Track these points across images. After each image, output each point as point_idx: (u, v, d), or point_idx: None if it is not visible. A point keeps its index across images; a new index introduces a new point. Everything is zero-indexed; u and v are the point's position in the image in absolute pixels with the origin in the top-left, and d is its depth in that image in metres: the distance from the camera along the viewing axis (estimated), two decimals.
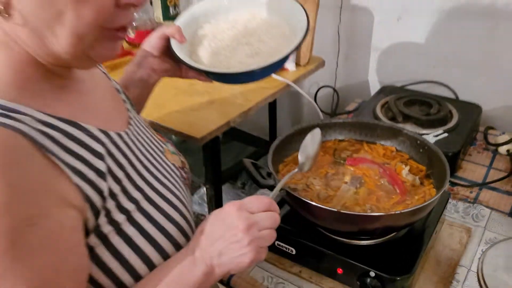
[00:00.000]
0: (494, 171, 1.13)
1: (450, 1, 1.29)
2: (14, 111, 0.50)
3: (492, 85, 1.32)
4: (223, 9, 0.89)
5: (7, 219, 0.45)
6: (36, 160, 0.49)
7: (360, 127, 0.97)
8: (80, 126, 0.56)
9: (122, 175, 0.59)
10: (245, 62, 0.80)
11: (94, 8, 0.51)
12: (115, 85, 0.75)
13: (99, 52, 0.55)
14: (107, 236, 0.55)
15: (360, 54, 1.56)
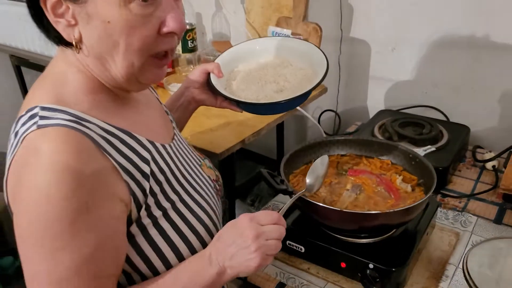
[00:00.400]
0: (481, 184, 1.26)
1: (436, 33, 1.45)
2: (85, 120, 0.64)
3: (479, 108, 1.46)
4: (257, 53, 1.05)
5: (73, 202, 0.58)
6: (97, 158, 0.62)
7: (360, 143, 1.11)
8: (133, 136, 0.70)
9: (162, 179, 0.72)
10: (271, 96, 0.96)
11: (141, 37, 0.64)
12: (164, 107, 0.90)
13: (147, 76, 0.69)
14: (146, 227, 0.68)
15: (359, 81, 1.71)
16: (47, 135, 0.60)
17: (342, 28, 1.65)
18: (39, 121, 0.61)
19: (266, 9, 1.58)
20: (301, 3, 1.44)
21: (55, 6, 0.63)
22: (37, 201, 0.58)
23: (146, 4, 0.62)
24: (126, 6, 0.61)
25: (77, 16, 0.63)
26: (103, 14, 0.61)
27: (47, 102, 0.64)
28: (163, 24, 0.65)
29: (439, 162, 1.23)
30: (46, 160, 0.58)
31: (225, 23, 1.76)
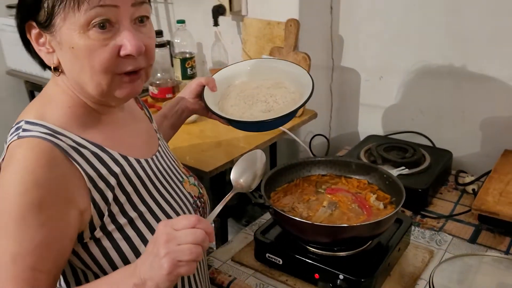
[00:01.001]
0: (461, 207, 1.31)
1: (419, 63, 1.54)
2: (59, 133, 0.73)
3: (461, 134, 1.53)
4: (254, 72, 1.12)
5: (27, 198, 0.66)
6: (64, 166, 0.70)
7: (339, 164, 1.18)
8: (105, 150, 0.77)
9: (131, 190, 0.79)
10: (256, 115, 1.02)
11: (101, 60, 0.71)
12: (155, 127, 0.97)
13: (120, 92, 0.76)
14: (111, 232, 0.75)
15: (350, 108, 1.79)
16: (23, 144, 0.70)
17: (333, 57, 1.74)
18: (21, 133, 0.71)
19: (260, 39, 1.69)
20: (292, 34, 1.54)
21: (37, 36, 0.73)
22: (0, 195, 0.68)
23: (103, 31, 0.70)
24: (85, 33, 0.69)
25: (52, 44, 0.73)
26: (68, 41, 0.70)
27: (32, 117, 0.74)
28: (121, 47, 0.72)
29: (419, 184, 1.29)
30: (15, 163, 0.68)
31: (223, 52, 1.87)
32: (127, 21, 0.72)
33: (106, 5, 0.69)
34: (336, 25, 1.70)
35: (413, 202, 1.28)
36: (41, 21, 0.72)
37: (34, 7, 0.71)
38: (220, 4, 1.71)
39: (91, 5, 0.68)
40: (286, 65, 1.11)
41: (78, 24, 0.69)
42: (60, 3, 0.69)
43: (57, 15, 0.70)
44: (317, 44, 1.69)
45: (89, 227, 0.74)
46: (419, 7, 1.50)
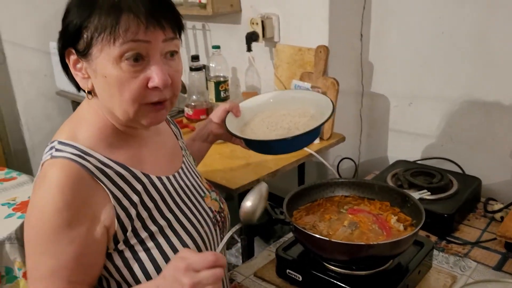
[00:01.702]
0: (488, 234, 1.30)
1: (449, 90, 1.55)
2: (88, 154, 0.79)
3: (491, 162, 1.52)
4: (278, 103, 1.15)
5: (58, 218, 0.74)
6: (90, 186, 0.77)
7: (362, 186, 1.20)
8: (128, 169, 0.84)
9: (152, 206, 0.85)
10: (272, 138, 1.05)
11: (130, 90, 0.77)
12: (181, 144, 1.04)
13: (145, 120, 0.81)
14: (133, 246, 0.82)
15: (379, 133, 1.81)
16: (55, 164, 0.77)
17: (363, 83, 1.78)
18: (54, 153, 0.78)
19: (291, 65, 1.75)
20: (322, 60, 1.60)
21: (75, 62, 0.80)
22: (34, 214, 0.76)
23: (134, 64, 0.75)
24: (118, 65, 0.75)
25: (88, 71, 0.79)
26: (102, 70, 0.76)
27: (64, 138, 0.81)
28: (150, 79, 0.77)
29: (444, 210, 1.29)
30: (48, 183, 0.75)
31: (256, 76, 1.95)
32: (157, 55, 0.77)
33: (139, 40, 0.75)
34: (366, 52, 1.74)
35: (438, 227, 1.28)
36: (80, 49, 0.77)
37: (75, 36, 0.77)
38: (254, 31, 1.80)
39: (125, 40, 0.74)
40: (310, 95, 1.16)
41: (112, 55, 0.75)
42: (97, 35, 0.75)
43: (94, 46, 0.76)
44: (347, 70, 1.74)
45: (113, 240, 0.80)
46: (448, 35, 1.52)
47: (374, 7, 1.68)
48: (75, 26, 0.76)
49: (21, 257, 1.53)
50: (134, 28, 0.74)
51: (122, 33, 0.74)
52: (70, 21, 0.77)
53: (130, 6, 0.74)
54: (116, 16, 0.74)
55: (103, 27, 0.74)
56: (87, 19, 0.75)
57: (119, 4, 0.74)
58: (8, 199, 1.72)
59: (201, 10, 1.88)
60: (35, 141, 2.75)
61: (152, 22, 0.75)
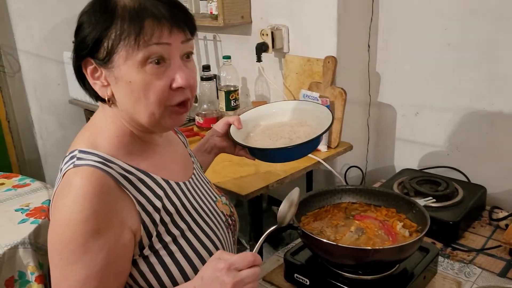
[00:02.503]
0: (493, 241, 1.32)
1: (455, 100, 1.58)
2: (110, 161, 0.81)
3: (496, 171, 1.54)
4: (279, 113, 1.22)
5: (87, 226, 0.74)
6: (116, 193, 0.78)
7: (369, 192, 1.23)
8: (149, 175, 0.86)
9: (173, 210, 0.87)
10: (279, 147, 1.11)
11: (156, 92, 0.79)
12: (189, 151, 1.08)
13: (168, 122, 0.84)
14: (158, 250, 0.84)
15: (387, 142, 1.84)
16: (79, 172, 0.77)
17: (370, 93, 1.81)
18: (76, 161, 0.79)
19: (300, 75, 1.79)
20: (330, 70, 1.64)
21: (93, 71, 0.81)
22: (61, 223, 0.75)
23: (158, 66, 0.78)
24: (142, 68, 0.77)
25: (108, 79, 0.81)
26: (126, 76, 0.78)
27: (84, 147, 0.82)
28: (173, 81, 0.80)
29: (450, 217, 1.32)
30: (73, 191, 0.75)
31: (266, 86, 1.99)
32: (177, 57, 0.81)
33: (161, 43, 0.78)
34: (374, 63, 1.78)
35: (444, 235, 1.31)
36: (100, 58, 0.79)
37: (94, 46, 0.78)
38: (264, 42, 1.84)
39: (148, 43, 0.76)
40: (309, 106, 1.20)
41: (137, 60, 0.77)
42: (119, 42, 0.77)
43: (116, 53, 0.77)
44: (355, 80, 1.78)
45: (139, 246, 0.82)
46: (454, 47, 1.55)
47: (381, 20, 1.72)
48: (94, 37, 0.78)
49: (34, 262, 1.56)
50: (158, 32, 0.77)
51: (147, 38, 0.77)
52: (87, 32, 0.78)
53: (152, 11, 0.78)
54: (140, 22, 0.76)
55: (127, 34, 0.76)
56: (108, 29, 0.77)
57: (141, 11, 0.77)
58: (22, 205, 1.76)
59: (212, 21, 1.94)
60: (48, 149, 2.80)
61: (175, 25, 0.79)
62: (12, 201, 1.79)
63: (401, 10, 1.65)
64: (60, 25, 2.60)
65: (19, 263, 1.55)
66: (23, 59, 2.61)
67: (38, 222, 1.62)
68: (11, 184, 1.94)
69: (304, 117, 1.20)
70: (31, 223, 1.63)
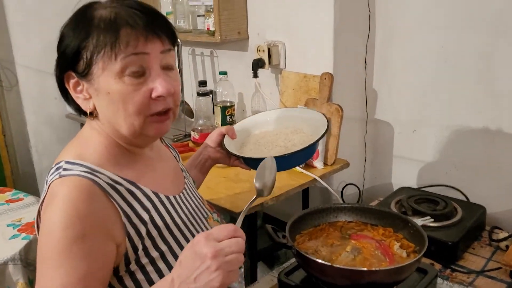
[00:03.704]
0: (493, 263, 1.28)
1: (452, 118, 1.57)
2: (97, 171, 0.80)
3: (496, 190, 1.51)
4: (272, 121, 1.20)
5: (71, 231, 0.72)
6: (102, 201, 0.77)
7: (365, 211, 1.20)
8: (138, 186, 0.84)
9: (161, 224, 0.85)
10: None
11: (135, 103, 0.79)
12: (181, 166, 1.05)
13: (150, 131, 0.83)
14: (144, 265, 0.81)
15: (384, 159, 1.82)
16: (65, 182, 0.76)
17: (367, 110, 1.80)
18: (62, 172, 0.78)
19: (296, 91, 1.78)
20: (326, 86, 1.62)
21: (75, 85, 0.82)
22: (47, 230, 0.74)
23: (136, 77, 0.78)
24: (120, 79, 0.77)
25: (89, 91, 0.81)
26: (104, 87, 0.78)
27: (71, 158, 0.81)
28: (153, 90, 0.80)
29: (449, 237, 1.28)
30: (59, 199, 0.74)
31: (262, 102, 1.98)
32: (157, 66, 0.81)
33: (139, 52, 0.78)
34: (370, 79, 1.77)
35: (442, 255, 1.27)
36: (79, 71, 0.79)
37: (74, 58, 0.79)
38: (260, 57, 1.84)
39: (126, 54, 0.76)
40: (303, 112, 1.18)
41: (114, 71, 0.77)
42: (97, 53, 0.77)
43: (95, 64, 0.78)
44: (351, 97, 1.76)
45: (124, 261, 0.80)
46: (451, 64, 1.54)
47: (378, 36, 1.72)
48: (73, 49, 0.79)
49: (23, 278, 1.53)
50: (134, 41, 0.77)
51: (123, 47, 0.76)
52: (66, 45, 0.80)
53: (127, 20, 0.77)
54: (115, 31, 0.76)
55: (103, 44, 0.77)
56: (85, 40, 0.78)
57: (116, 21, 0.77)
58: (14, 220, 1.74)
59: (209, 37, 1.93)
60: (44, 164, 2.78)
61: (150, 33, 0.78)
62: (4, 216, 1.76)
63: (398, 27, 1.65)
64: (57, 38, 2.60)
65: (9, 280, 1.52)
66: (20, 72, 2.60)
67: (29, 238, 1.60)
68: (4, 198, 1.91)
69: (299, 124, 1.18)
70: (22, 238, 1.60)
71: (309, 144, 1.05)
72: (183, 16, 2.12)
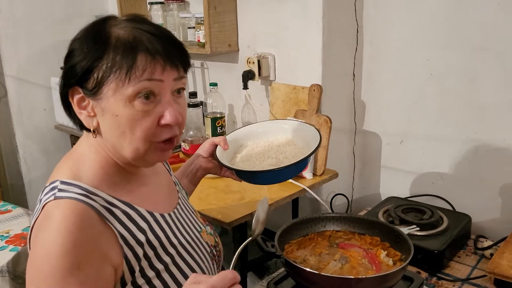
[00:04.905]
0: (478, 271, 1.31)
1: (439, 129, 1.60)
2: (93, 193, 0.78)
3: (481, 199, 1.55)
4: (264, 132, 1.20)
5: (67, 259, 0.70)
6: (98, 226, 0.75)
7: (353, 221, 1.22)
8: (134, 207, 0.83)
9: (157, 244, 0.84)
10: (266, 168, 1.09)
11: (142, 129, 0.77)
12: (174, 179, 1.05)
13: (152, 158, 0.82)
14: (141, 286, 0.80)
15: (372, 170, 1.85)
16: (60, 205, 0.74)
17: (356, 121, 1.83)
18: (57, 193, 0.75)
19: (286, 102, 1.81)
20: (315, 98, 1.65)
21: (80, 100, 0.79)
22: (40, 257, 0.72)
23: (147, 102, 0.76)
24: (130, 103, 0.75)
25: (95, 109, 0.79)
26: (113, 109, 0.76)
27: (66, 177, 0.78)
28: (162, 117, 0.78)
29: (435, 246, 1.31)
30: (54, 224, 0.72)
31: (252, 113, 2.00)
32: (168, 93, 0.79)
33: (153, 79, 0.75)
34: (359, 91, 1.80)
35: (429, 264, 1.29)
36: (88, 88, 0.77)
37: (84, 75, 0.76)
38: (250, 69, 1.86)
39: (140, 79, 0.74)
40: (296, 125, 1.19)
41: (125, 94, 0.75)
42: (110, 74, 0.75)
43: (106, 85, 0.75)
44: (340, 108, 1.79)
45: (121, 283, 0.79)
46: (437, 76, 1.58)
47: (365, 49, 1.76)
48: (85, 66, 0.76)
49: None
50: (151, 69, 0.75)
51: (139, 73, 0.74)
52: (78, 60, 0.76)
53: (147, 46, 0.75)
54: (133, 56, 0.74)
55: (118, 66, 0.74)
56: (99, 59, 0.75)
57: (135, 45, 0.75)
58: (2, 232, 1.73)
59: (200, 49, 1.96)
60: (32, 175, 2.76)
61: (168, 62, 0.77)
62: None
63: (385, 41, 1.69)
64: (48, 50, 2.60)
65: None
66: (9, 83, 2.59)
67: (17, 250, 1.58)
68: None
69: (291, 136, 1.18)
70: (10, 250, 1.59)
71: (300, 158, 1.06)
72: (174, 28, 2.15)
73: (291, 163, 1.03)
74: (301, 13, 1.70)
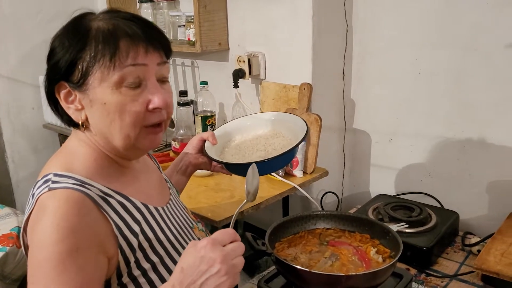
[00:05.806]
0: (466, 267, 1.33)
1: (427, 127, 1.62)
2: (88, 184, 0.78)
3: (469, 196, 1.57)
4: (253, 126, 1.21)
5: (65, 244, 0.70)
6: (94, 214, 0.76)
7: (343, 218, 1.23)
8: (128, 198, 0.84)
9: (152, 236, 0.85)
10: (256, 160, 1.11)
11: (131, 114, 0.78)
12: (164, 176, 1.06)
13: (143, 143, 0.82)
14: (137, 277, 0.81)
15: (362, 168, 1.86)
16: (55, 195, 0.74)
17: (345, 120, 1.84)
18: (51, 185, 0.76)
19: (276, 101, 1.81)
20: (305, 96, 1.66)
21: (67, 95, 0.80)
22: (38, 244, 0.72)
23: (134, 88, 0.78)
24: (117, 90, 0.77)
25: (82, 102, 0.80)
26: (101, 97, 0.77)
27: (59, 170, 0.79)
28: (150, 102, 0.79)
29: (423, 243, 1.32)
30: (50, 213, 0.72)
31: (243, 112, 2.00)
32: (153, 78, 0.81)
33: (138, 64, 0.78)
34: (348, 90, 1.82)
35: (417, 260, 1.31)
36: (74, 81, 0.78)
37: (68, 69, 0.77)
38: (241, 68, 1.86)
39: (124, 65, 0.76)
40: (282, 116, 1.20)
41: (111, 81, 0.76)
42: (94, 64, 0.76)
43: (91, 75, 0.77)
44: (330, 107, 1.80)
45: (116, 274, 0.79)
46: (425, 76, 1.60)
47: (355, 49, 1.77)
48: (68, 60, 0.77)
49: None
50: (134, 53, 0.77)
51: (123, 58, 0.76)
52: (60, 56, 0.78)
53: (126, 31, 0.77)
54: (114, 42, 0.76)
55: (101, 54, 0.76)
56: (82, 50, 0.77)
57: (115, 31, 0.77)
58: None
59: (190, 48, 1.95)
60: (20, 174, 2.73)
61: (150, 45, 0.79)
62: None
63: (374, 40, 1.70)
64: (36, 48, 2.57)
65: None
66: None
67: (5, 250, 1.57)
68: None
69: (279, 128, 1.19)
70: None
71: (289, 148, 1.07)
72: (164, 27, 2.14)
73: (280, 153, 1.04)
74: (291, 12, 1.70)
